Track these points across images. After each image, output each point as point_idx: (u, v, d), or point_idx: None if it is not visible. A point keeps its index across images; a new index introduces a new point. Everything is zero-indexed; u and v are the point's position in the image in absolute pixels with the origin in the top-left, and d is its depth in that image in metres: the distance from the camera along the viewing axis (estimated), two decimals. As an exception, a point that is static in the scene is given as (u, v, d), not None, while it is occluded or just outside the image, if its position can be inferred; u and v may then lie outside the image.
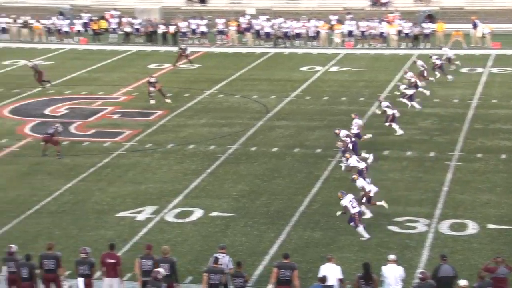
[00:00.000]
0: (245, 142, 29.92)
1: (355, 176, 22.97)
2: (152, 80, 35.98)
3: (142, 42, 51.33)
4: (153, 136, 30.83)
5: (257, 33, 50.67)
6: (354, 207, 21.20)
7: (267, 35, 50.34)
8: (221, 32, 51.36)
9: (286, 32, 50.16)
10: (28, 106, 35.31)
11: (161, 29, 51.28)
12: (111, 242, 18.34)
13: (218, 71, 42.72)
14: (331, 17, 51.33)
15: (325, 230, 21.70)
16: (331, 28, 50.28)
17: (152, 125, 32.38)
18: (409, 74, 35.41)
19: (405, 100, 33.63)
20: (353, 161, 24.73)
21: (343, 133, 27.04)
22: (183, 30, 51.14)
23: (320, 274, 16.93)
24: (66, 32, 51.83)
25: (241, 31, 51.14)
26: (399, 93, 34.50)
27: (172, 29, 50.91)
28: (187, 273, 19.07)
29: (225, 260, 17.44)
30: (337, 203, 21.85)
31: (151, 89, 35.54)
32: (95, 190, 25.09)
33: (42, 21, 52.18)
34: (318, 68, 43.28)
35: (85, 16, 53.21)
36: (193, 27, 51.37)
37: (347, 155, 25.35)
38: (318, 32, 49.76)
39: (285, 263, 17.29)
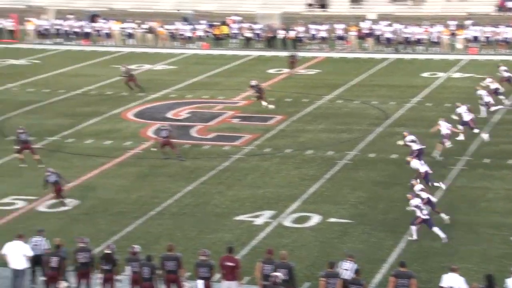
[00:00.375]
0: (364, 148, 29.68)
1: (414, 182, 22.94)
2: (253, 83, 36.22)
3: (262, 47, 51.79)
4: (272, 141, 31.01)
5: (378, 39, 50.25)
6: (422, 210, 21.20)
7: (388, 40, 49.84)
8: (340, 38, 51.23)
9: (408, 37, 49.51)
10: (152, 110, 36.17)
11: (281, 34, 51.61)
12: (229, 245, 18.50)
13: (338, 77, 42.59)
14: (450, 22, 50.38)
15: (445, 240, 21.26)
16: (453, 33, 49.32)
17: (271, 129, 32.58)
18: (488, 80, 34.48)
19: (483, 108, 32.96)
20: (416, 164, 24.68)
21: (409, 137, 26.77)
22: (302, 35, 51.31)
23: (444, 284, 16.61)
24: (189, 37, 52.88)
25: (361, 37, 50.85)
26: (481, 100, 33.80)
27: (292, 34, 51.15)
28: (304, 278, 19.05)
29: (350, 266, 17.41)
30: (459, 212, 21.38)
31: (256, 94, 35.81)
32: (214, 193, 25.44)
33: (166, 27, 53.43)
34: (440, 74, 42.49)
35: (204, 22, 54.12)
36: (313, 32, 51.46)
37: (409, 158, 25.26)
38: (440, 38, 48.91)
39: (403, 271, 17.06)
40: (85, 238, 18.59)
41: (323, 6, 59.85)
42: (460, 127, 29.60)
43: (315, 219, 23.09)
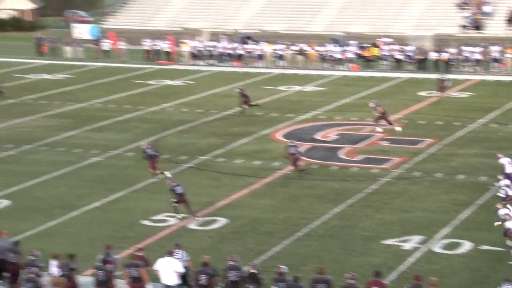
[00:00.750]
0: (519, 175, 28.63)
1: (499, 206, 22.25)
2: (372, 105, 35.90)
3: (414, 69, 51.12)
4: (421, 165, 30.47)
5: (535, 61, 48.59)
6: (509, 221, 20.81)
7: (547, 62, 48.07)
8: (496, 60, 49.79)
9: None
10: (300, 131, 36.38)
11: (433, 56, 50.77)
12: (377, 269, 18.28)
13: (492, 100, 41.42)
14: None
15: None
16: None
17: (421, 153, 32.03)
18: None
19: None
20: (503, 184, 24.25)
21: (504, 159, 26.22)
22: (455, 58, 50.26)
23: None
24: (339, 59, 52.94)
25: (518, 59, 49.33)
26: None
27: (444, 56, 50.21)
28: (454, 307, 18.57)
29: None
30: None
31: (377, 115, 35.39)
32: (362, 216, 25.25)
33: (317, 48, 53.74)
34: None
35: (354, 43, 54.08)
36: (466, 54, 50.30)
37: (500, 176, 24.70)
38: None
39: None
40: (235, 256, 18.87)
41: (477, 27, 58.44)
42: None
43: (466, 246, 22.45)
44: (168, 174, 27.02)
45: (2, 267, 19.62)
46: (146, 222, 24.86)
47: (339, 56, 52.95)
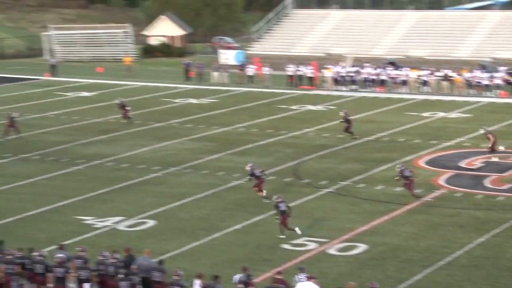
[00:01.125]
0: None
1: None
2: (482, 131, 35.66)
3: None
4: None
5: None
6: None
7: None
8: None
9: None
10: (444, 158, 35.66)
11: None
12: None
13: None
14: None
15: None
16: None
17: None
18: None
19: None
20: None
21: None
22: None
23: None
24: (486, 85, 51.61)
25: None
26: None
27: None
28: None
29: None
30: None
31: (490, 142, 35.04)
32: (508, 246, 24.40)
33: (464, 74, 52.64)
34: None
35: (503, 69, 52.59)
36: None
37: None
38: None
39: None
40: (375, 283, 18.69)
41: None
42: None
43: None
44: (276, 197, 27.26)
45: (147, 286, 20.23)
46: (285, 246, 25.00)
47: (486, 82, 51.62)
